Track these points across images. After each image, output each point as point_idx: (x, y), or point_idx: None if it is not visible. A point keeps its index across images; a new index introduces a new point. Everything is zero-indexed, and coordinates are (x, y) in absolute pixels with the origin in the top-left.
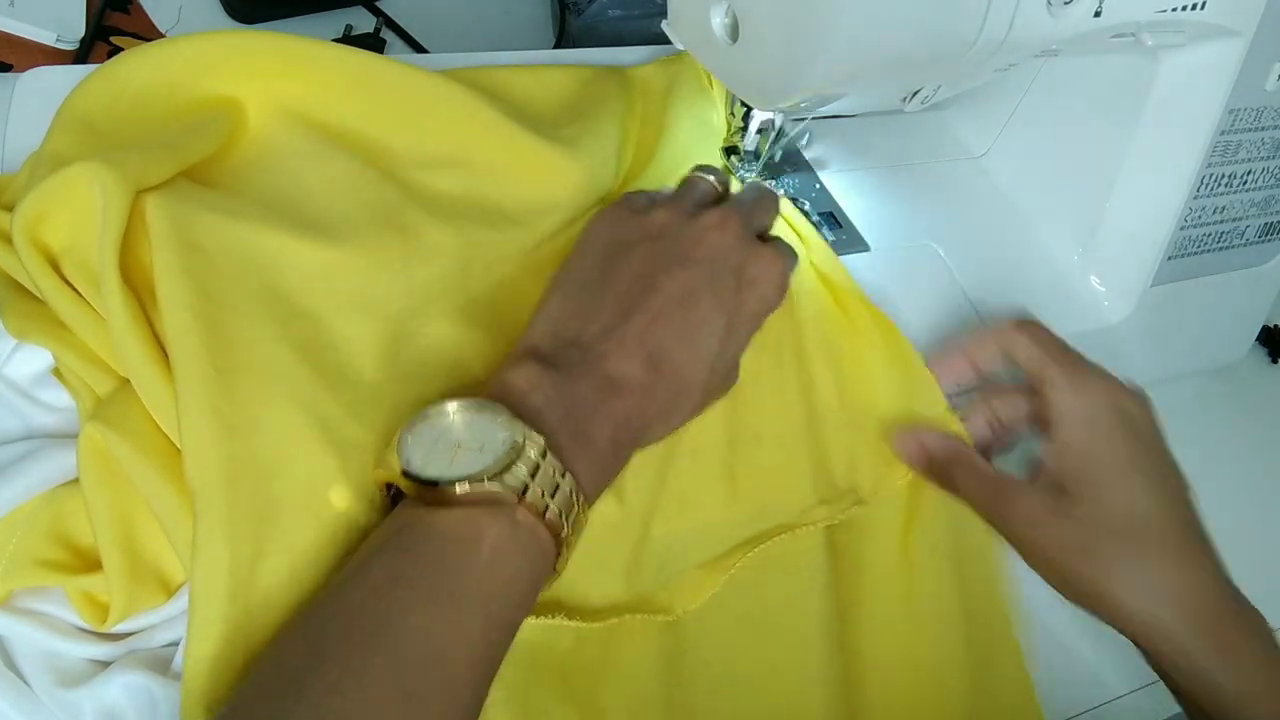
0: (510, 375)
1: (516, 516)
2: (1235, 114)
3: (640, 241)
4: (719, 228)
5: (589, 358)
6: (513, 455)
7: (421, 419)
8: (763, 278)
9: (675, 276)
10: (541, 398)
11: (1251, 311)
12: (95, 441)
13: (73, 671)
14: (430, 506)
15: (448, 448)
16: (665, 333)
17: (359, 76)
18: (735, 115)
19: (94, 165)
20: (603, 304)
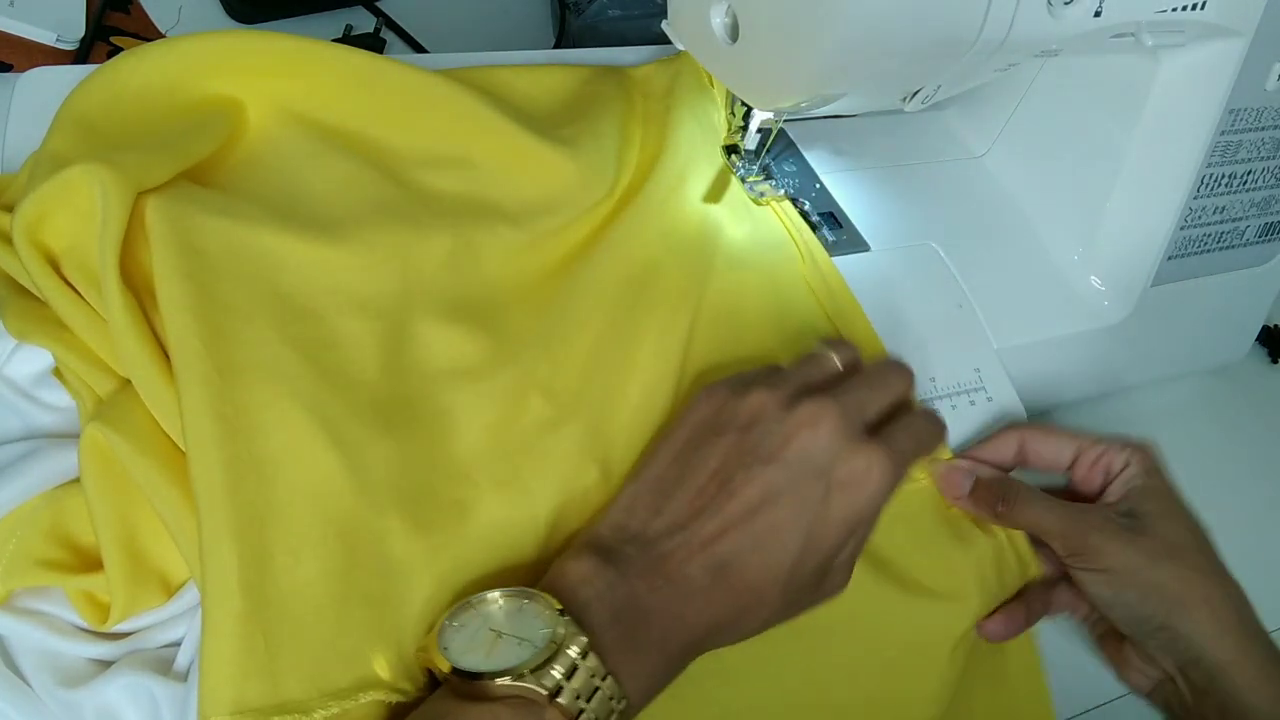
0: (568, 564)
1: (545, 717)
2: (1235, 114)
3: (727, 431)
4: (811, 425)
5: (650, 555)
6: (550, 652)
7: (466, 605)
8: (856, 481)
9: (755, 478)
10: (592, 592)
11: (1251, 311)
12: (97, 442)
13: (73, 671)
14: (462, 698)
15: (489, 637)
16: (735, 539)
17: (359, 76)
18: (735, 115)
19: (94, 166)
20: (674, 500)
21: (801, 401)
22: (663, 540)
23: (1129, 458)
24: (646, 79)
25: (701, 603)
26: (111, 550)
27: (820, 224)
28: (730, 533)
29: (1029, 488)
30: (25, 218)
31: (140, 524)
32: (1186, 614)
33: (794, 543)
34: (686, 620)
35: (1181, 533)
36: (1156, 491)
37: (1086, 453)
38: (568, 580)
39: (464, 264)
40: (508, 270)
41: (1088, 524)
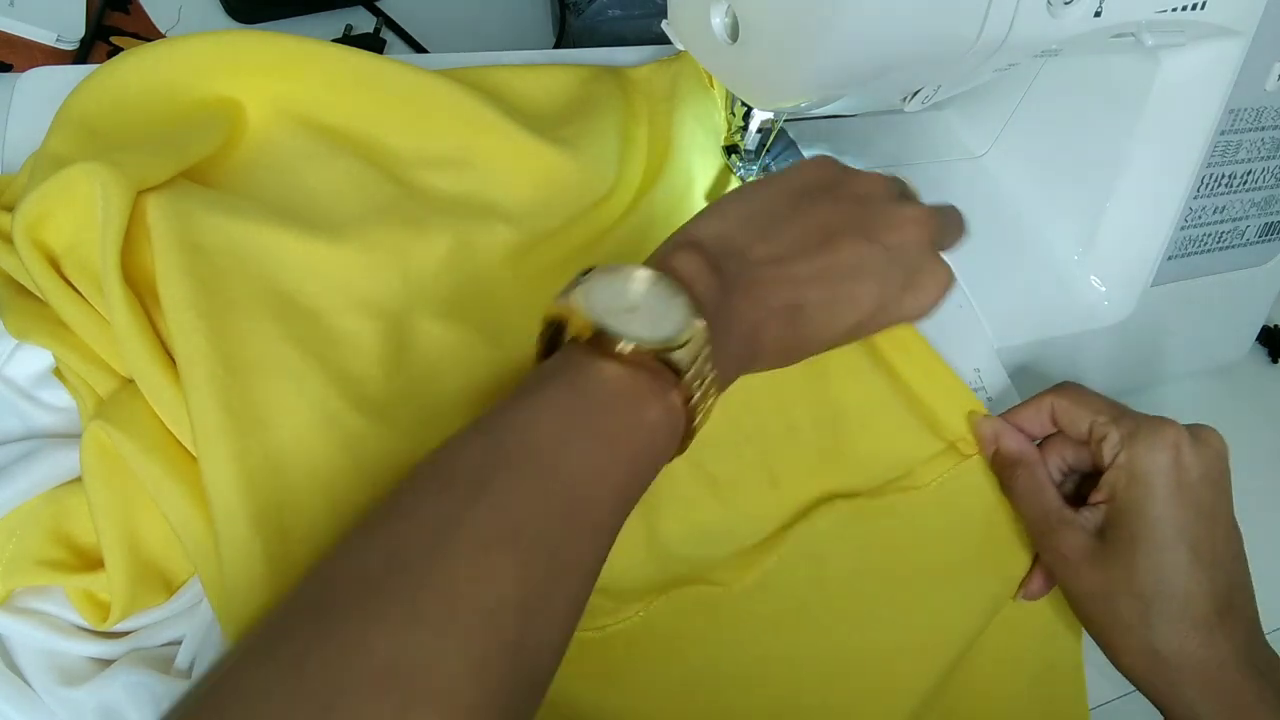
0: (675, 260)
1: (671, 395)
2: (1235, 114)
3: (844, 195)
4: (918, 222)
5: (747, 276)
6: (687, 336)
7: (607, 271)
8: (927, 289)
9: (856, 247)
10: (702, 290)
11: (1251, 311)
12: (100, 440)
13: (74, 670)
14: (598, 356)
15: (624, 308)
16: (820, 292)
17: (359, 76)
18: (735, 115)
19: (94, 165)
20: (780, 233)
21: (910, 203)
22: (761, 267)
23: (1116, 454)
24: (647, 79)
25: (773, 332)
26: (113, 549)
27: None
28: (816, 284)
29: (1029, 474)
30: (25, 217)
31: (142, 523)
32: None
33: (859, 316)
34: (757, 342)
35: (1132, 571)
36: (1133, 510)
37: (1095, 431)
38: (681, 273)
39: (464, 263)
40: (508, 270)
41: (1052, 538)
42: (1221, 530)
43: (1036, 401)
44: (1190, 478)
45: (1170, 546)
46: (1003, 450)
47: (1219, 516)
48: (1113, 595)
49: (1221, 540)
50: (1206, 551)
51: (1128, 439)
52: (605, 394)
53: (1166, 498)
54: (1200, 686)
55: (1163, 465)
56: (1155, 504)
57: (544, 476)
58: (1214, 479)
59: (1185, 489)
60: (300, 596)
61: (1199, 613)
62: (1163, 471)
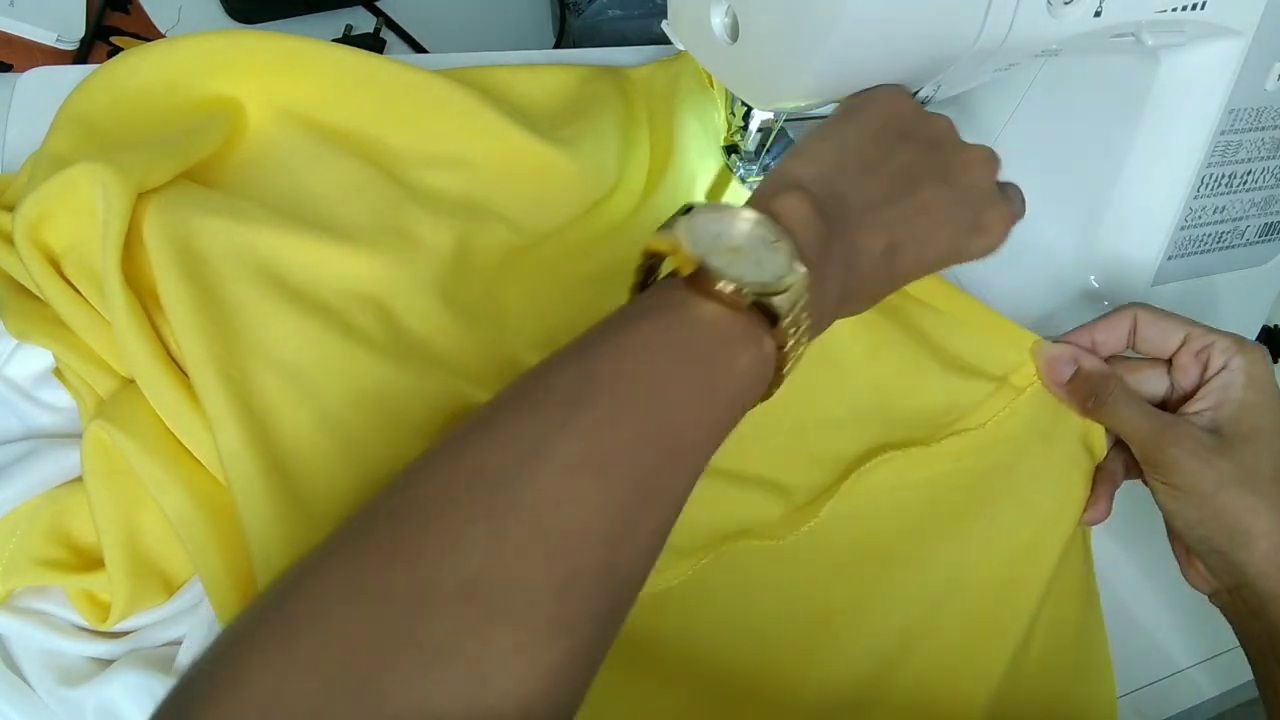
0: (780, 203)
1: (764, 341)
2: (1235, 114)
3: (920, 139)
4: (984, 164)
5: (849, 221)
6: (788, 282)
7: (711, 209)
8: (991, 229)
9: (936, 190)
10: (808, 238)
11: (1251, 311)
12: (101, 440)
13: (74, 670)
14: (696, 293)
15: (726, 248)
16: (907, 232)
17: (359, 76)
18: (735, 115)
19: (95, 166)
20: (874, 178)
21: (975, 146)
22: (862, 212)
23: (1229, 358)
24: (647, 79)
25: (869, 275)
26: (113, 549)
27: None
28: (907, 227)
29: (1123, 387)
30: (26, 217)
31: (142, 523)
32: (1245, 545)
33: (940, 252)
34: (855, 284)
35: (1263, 459)
36: (1250, 406)
37: (1191, 342)
38: (788, 218)
39: (466, 263)
40: (511, 269)
41: (1168, 437)
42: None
43: (1113, 317)
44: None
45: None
46: (1086, 370)
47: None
48: (1248, 478)
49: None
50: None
51: (1235, 348)
52: (702, 332)
53: (1264, 388)
54: None
55: (1257, 363)
56: (1258, 394)
57: (637, 406)
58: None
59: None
60: (385, 503)
61: None
62: (1258, 368)
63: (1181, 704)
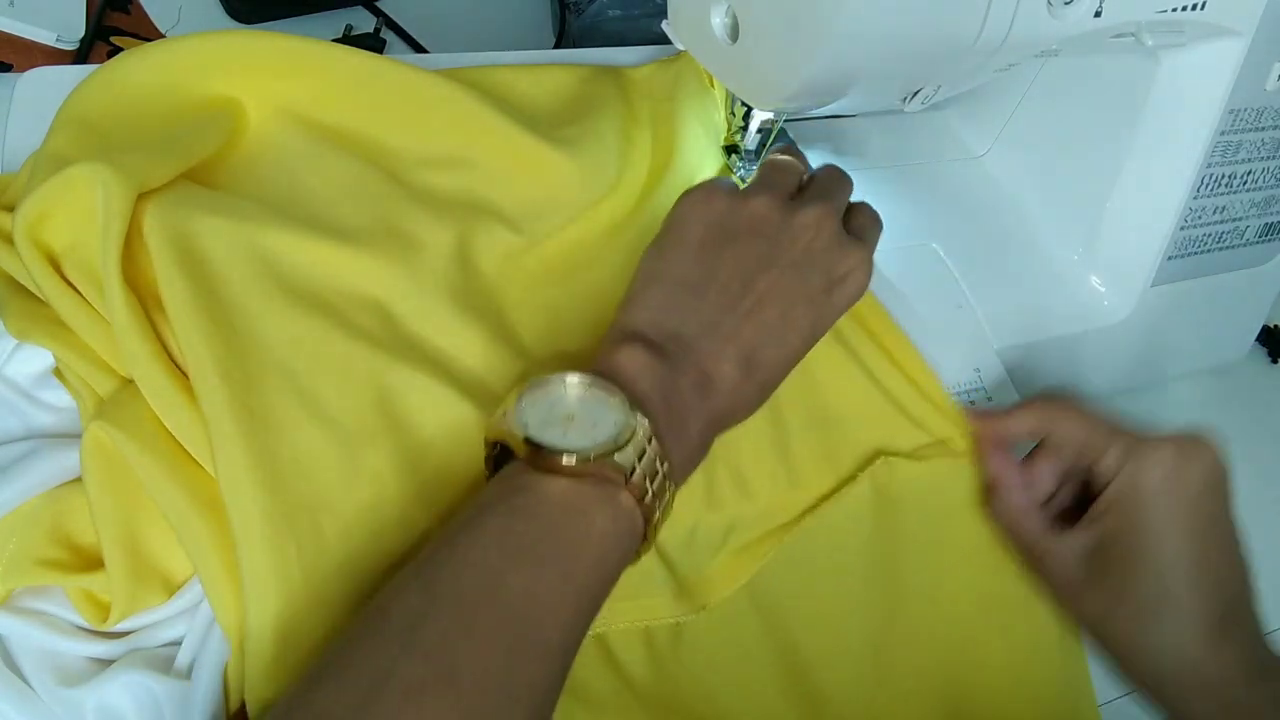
0: (618, 357)
1: (620, 498)
2: (1235, 114)
3: (740, 235)
4: (816, 227)
5: (691, 353)
6: (626, 436)
7: (539, 385)
8: (851, 275)
9: (773, 279)
10: (648, 384)
11: (1251, 311)
12: (100, 440)
13: (74, 670)
14: (539, 473)
15: (561, 418)
16: (760, 334)
17: (359, 76)
18: (735, 115)
19: (96, 166)
20: (704, 300)
21: (801, 207)
22: (700, 340)
23: (1116, 468)
24: (647, 80)
25: (731, 395)
26: (113, 549)
27: None
28: (754, 330)
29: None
30: (26, 217)
31: (142, 523)
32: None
33: (805, 334)
34: (718, 411)
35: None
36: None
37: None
38: (626, 371)
39: (467, 265)
40: (512, 271)
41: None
42: (1223, 540)
43: (1027, 408)
44: (1191, 492)
45: (1172, 564)
46: (993, 474)
47: (1220, 526)
48: (1110, 615)
49: (1224, 550)
50: (1209, 565)
51: (1125, 457)
52: (546, 512)
53: (1169, 516)
54: (1205, 696)
55: (1163, 483)
56: (1157, 522)
57: (482, 611)
58: (1214, 488)
59: (1185, 504)
60: None
61: (1202, 626)
62: (1164, 489)
63: None
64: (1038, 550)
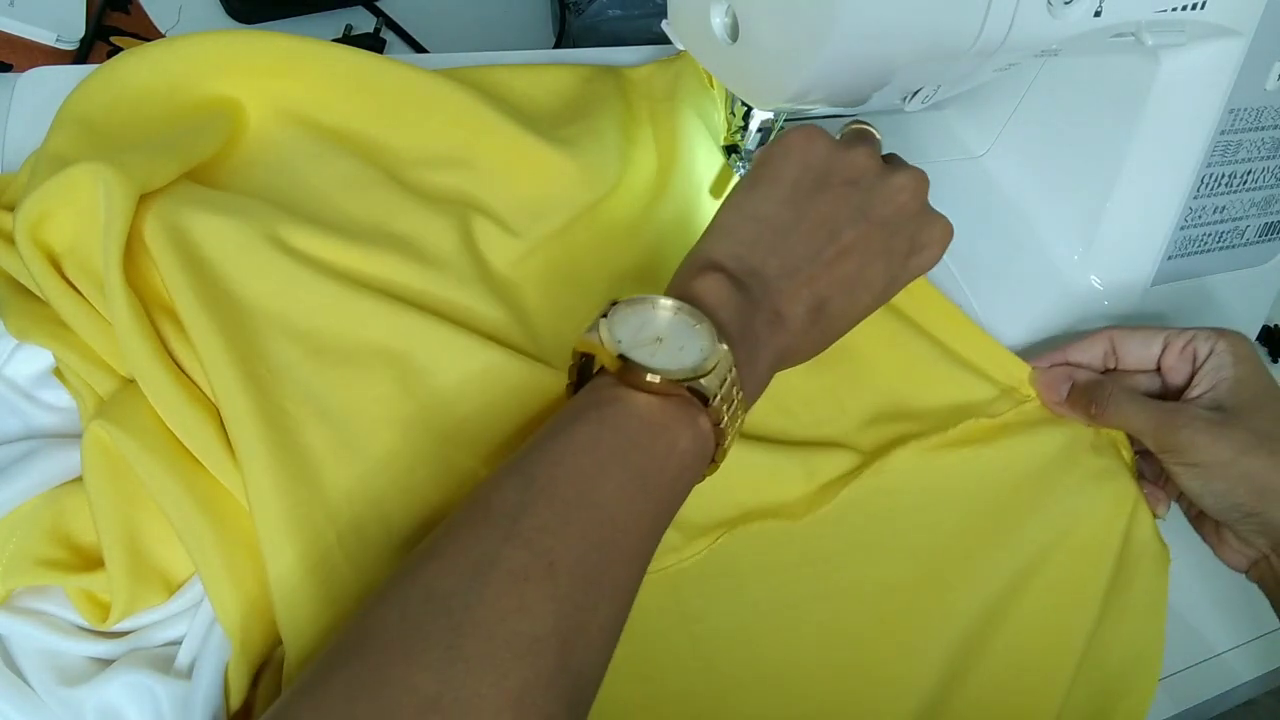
0: (699, 285)
1: (700, 420)
2: (1235, 114)
3: (835, 184)
4: (911, 191)
5: (768, 292)
6: (711, 364)
7: (630, 304)
8: (932, 243)
9: (860, 231)
10: (727, 316)
11: (1251, 311)
12: (101, 440)
13: (74, 670)
14: (627, 387)
15: (650, 339)
16: (835, 282)
17: (358, 76)
18: (735, 115)
19: (97, 166)
20: (788, 242)
21: (897, 169)
22: (779, 279)
23: (1213, 344)
24: (647, 79)
25: (799, 336)
26: (113, 548)
27: None
28: (831, 279)
29: (1121, 388)
30: (27, 217)
31: (142, 522)
32: (1276, 500)
33: (876, 292)
34: (783, 350)
35: (1270, 421)
36: (1244, 380)
37: (1173, 344)
38: (708, 299)
39: (470, 266)
40: (517, 273)
41: (1176, 422)
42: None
43: (1086, 340)
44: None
45: (1273, 395)
46: (1081, 382)
47: None
48: (1261, 442)
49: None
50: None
51: (1216, 335)
52: (635, 426)
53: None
54: None
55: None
56: (1248, 369)
57: (577, 510)
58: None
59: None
60: (347, 638)
61: None
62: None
63: (1217, 688)
64: (1169, 412)
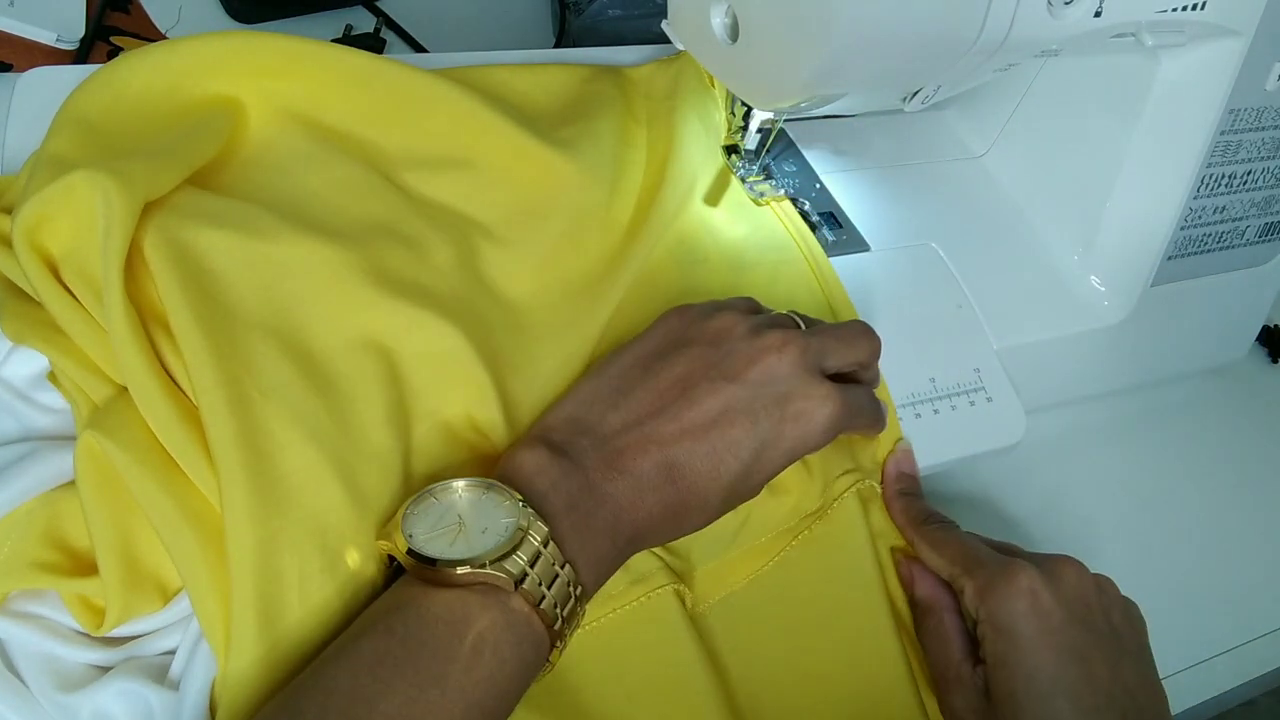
0: (520, 455)
1: (510, 604)
2: (1235, 114)
3: (695, 344)
4: (778, 350)
5: (605, 449)
6: (515, 540)
7: (427, 494)
8: (808, 415)
9: (718, 391)
10: (548, 482)
11: (1251, 311)
12: (92, 449)
13: (70, 676)
14: (427, 585)
15: (451, 526)
16: (690, 445)
17: (358, 76)
18: (735, 115)
19: (97, 174)
20: (634, 398)
21: (770, 330)
22: (618, 435)
23: (976, 605)
24: (647, 79)
25: (651, 497)
26: (107, 556)
27: (820, 224)
28: (685, 438)
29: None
30: (25, 221)
31: (136, 530)
32: None
33: (744, 458)
34: (635, 512)
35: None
36: (1003, 665)
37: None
38: (523, 471)
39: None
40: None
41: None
42: (1103, 668)
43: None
44: (1053, 623)
45: (1047, 697)
46: (916, 596)
47: (1096, 655)
48: None
49: (1105, 680)
50: (1088, 697)
51: (982, 593)
52: (429, 627)
53: (1033, 650)
54: None
55: (1023, 615)
56: (1024, 657)
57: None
58: (1081, 617)
59: (1050, 635)
60: None
61: None
62: (1023, 621)
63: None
64: (949, 679)
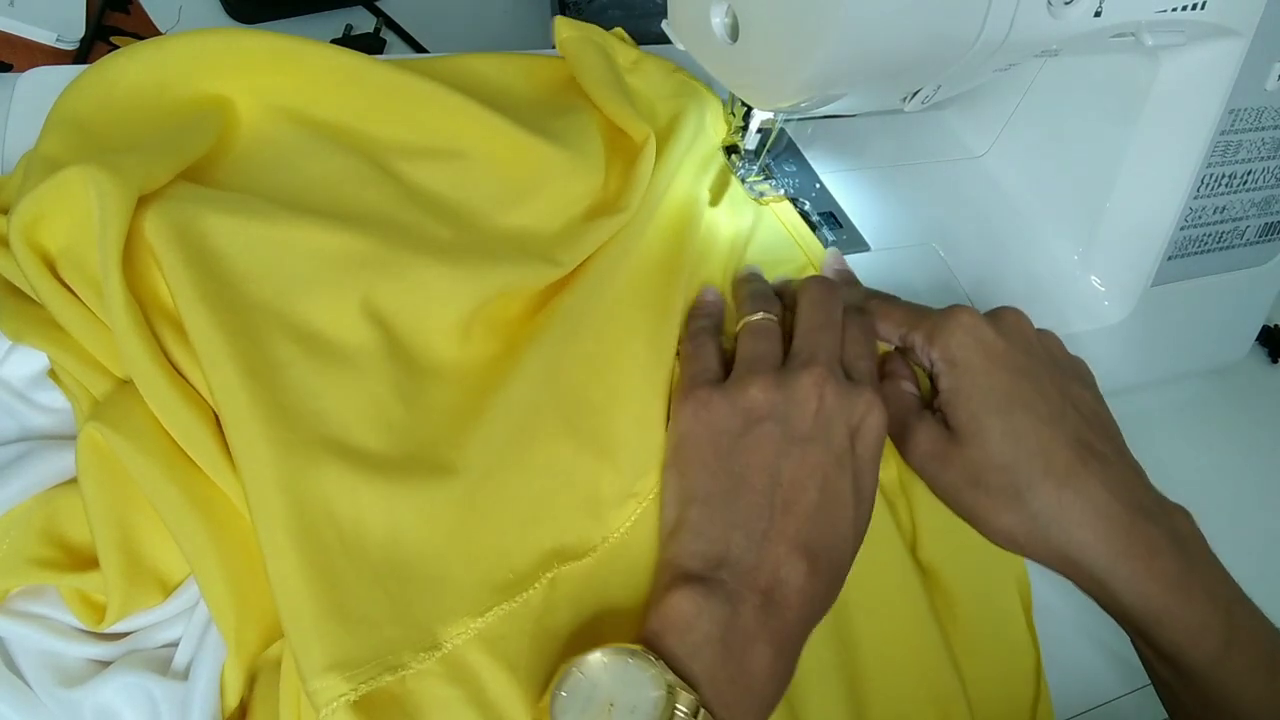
0: (668, 608)
1: None
2: (1235, 114)
3: (746, 429)
4: (817, 391)
5: (746, 576)
6: (664, 711)
7: (571, 676)
8: (868, 426)
9: (800, 462)
10: (700, 635)
11: (1251, 311)
12: (95, 441)
13: (72, 671)
14: None
15: (601, 708)
16: (807, 521)
17: (349, 73)
18: (735, 115)
19: (90, 168)
20: (742, 508)
21: (795, 377)
22: (749, 555)
23: (927, 350)
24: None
25: (806, 603)
26: (108, 550)
27: (820, 224)
28: (799, 519)
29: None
30: (21, 219)
31: (137, 524)
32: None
33: (850, 501)
34: (791, 628)
35: (990, 446)
36: (961, 395)
37: (905, 342)
38: (676, 624)
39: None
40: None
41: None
42: (1052, 387)
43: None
44: (998, 349)
45: (1005, 411)
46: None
47: (1044, 375)
48: (978, 475)
49: (1056, 396)
50: (1043, 407)
51: (929, 336)
52: None
53: (982, 370)
54: (1087, 530)
55: (970, 346)
56: (977, 378)
57: None
58: (1023, 347)
59: (995, 358)
60: None
61: (1060, 464)
62: (968, 349)
63: None
64: (909, 422)
